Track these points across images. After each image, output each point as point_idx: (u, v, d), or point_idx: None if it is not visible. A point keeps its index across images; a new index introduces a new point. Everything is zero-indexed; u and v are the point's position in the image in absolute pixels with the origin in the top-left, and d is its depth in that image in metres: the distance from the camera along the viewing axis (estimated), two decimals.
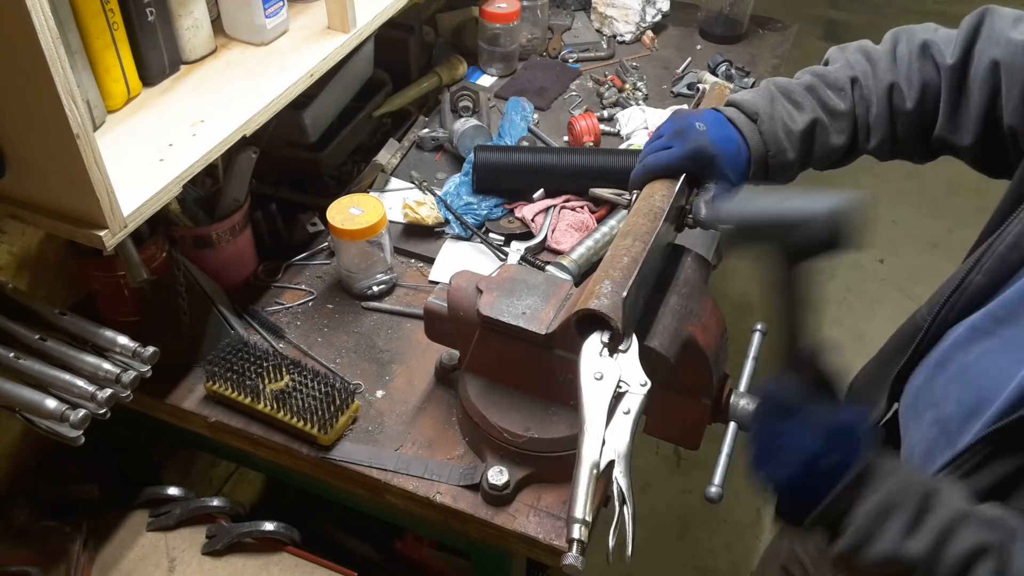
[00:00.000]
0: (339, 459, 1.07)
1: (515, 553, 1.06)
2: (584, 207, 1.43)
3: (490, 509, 1.02)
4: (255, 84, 1.09)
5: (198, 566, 1.15)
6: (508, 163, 1.43)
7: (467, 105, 1.66)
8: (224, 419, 1.11)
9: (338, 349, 1.22)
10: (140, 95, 1.06)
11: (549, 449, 1.01)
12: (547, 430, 1.00)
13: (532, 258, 1.34)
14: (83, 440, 0.92)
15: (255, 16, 1.13)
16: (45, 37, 0.74)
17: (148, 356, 0.98)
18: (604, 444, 0.78)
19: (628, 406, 0.81)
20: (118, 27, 0.98)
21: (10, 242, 1.14)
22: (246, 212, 1.25)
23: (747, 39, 1.98)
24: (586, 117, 1.57)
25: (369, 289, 1.29)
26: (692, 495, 2.20)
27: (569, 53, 1.88)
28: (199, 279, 1.17)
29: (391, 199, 1.44)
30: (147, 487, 1.24)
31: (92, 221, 0.88)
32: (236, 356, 1.10)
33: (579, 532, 0.76)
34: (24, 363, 0.94)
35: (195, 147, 0.99)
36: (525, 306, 0.98)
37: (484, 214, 1.41)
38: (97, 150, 0.83)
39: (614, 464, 0.78)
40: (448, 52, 1.79)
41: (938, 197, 3.22)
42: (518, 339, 0.97)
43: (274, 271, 1.33)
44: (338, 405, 1.07)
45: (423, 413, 1.13)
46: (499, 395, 1.04)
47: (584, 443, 0.78)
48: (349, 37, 1.19)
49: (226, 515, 1.21)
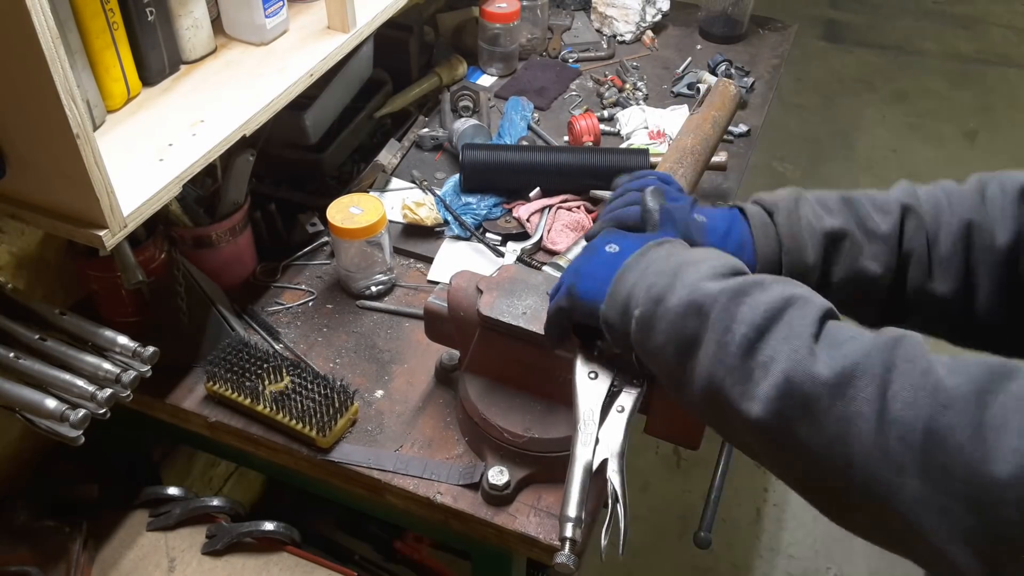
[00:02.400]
0: (339, 459, 1.07)
1: (515, 553, 1.06)
2: (580, 207, 1.42)
3: (490, 509, 1.02)
4: (255, 84, 1.09)
5: (198, 566, 1.15)
6: (496, 162, 1.42)
7: (467, 105, 1.66)
8: (224, 419, 1.11)
9: (338, 349, 1.22)
10: (140, 95, 1.05)
11: (550, 449, 1.01)
12: (548, 430, 1.00)
13: (528, 258, 1.34)
14: (83, 440, 0.92)
15: (255, 16, 1.13)
16: (45, 37, 0.74)
17: (148, 356, 0.98)
18: (598, 443, 0.78)
19: (622, 404, 0.81)
20: (118, 27, 0.98)
21: (10, 242, 1.14)
22: (246, 212, 1.25)
23: (747, 39, 1.98)
24: (586, 117, 1.57)
25: (368, 289, 1.29)
26: (692, 495, 2.20)
27: (569, 53, 1.88)
28: (199, 279, 1.17)
29: (391, 199, 1.44)
30: (147, 487, 1.24)
31: (92, 221, 0.88)
32: (236, 357, 1.10)
33: (571, 531, 0.76)
34: (24, 363, 0.94)
35: (195, 147, 0.99)
36: (525, 306, 0.98)
37: (483, 214, 1.41)
38: (97, 150, 0.83)
39: (608, 462, 0.78)
40: (448, 52, 1.79)
41: None
42: (518, 339, 0.97)
43: (274, 271, 1.33)
44: (337, 408, 1.07)
45: (423, 413, 1.13)
46: (499, 395, 1.04)
47: (577, 442, 0.78)
48: (349, 37, 1.19)
49: (226, 515, 1.22)
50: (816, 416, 0.61)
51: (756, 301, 0.66)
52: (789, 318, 0.65)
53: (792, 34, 2.03)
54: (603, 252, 0.81)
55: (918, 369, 0.58)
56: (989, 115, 3.65)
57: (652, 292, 0.72)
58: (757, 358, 0.64)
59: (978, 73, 3.91)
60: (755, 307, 0.66)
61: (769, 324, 0.65)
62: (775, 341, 0.64)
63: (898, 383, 0.58)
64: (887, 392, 0.58)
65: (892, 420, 0.57)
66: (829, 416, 0.60)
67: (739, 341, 0.65)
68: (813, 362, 0.61)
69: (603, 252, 0.81)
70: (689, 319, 0.69)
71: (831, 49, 4.05)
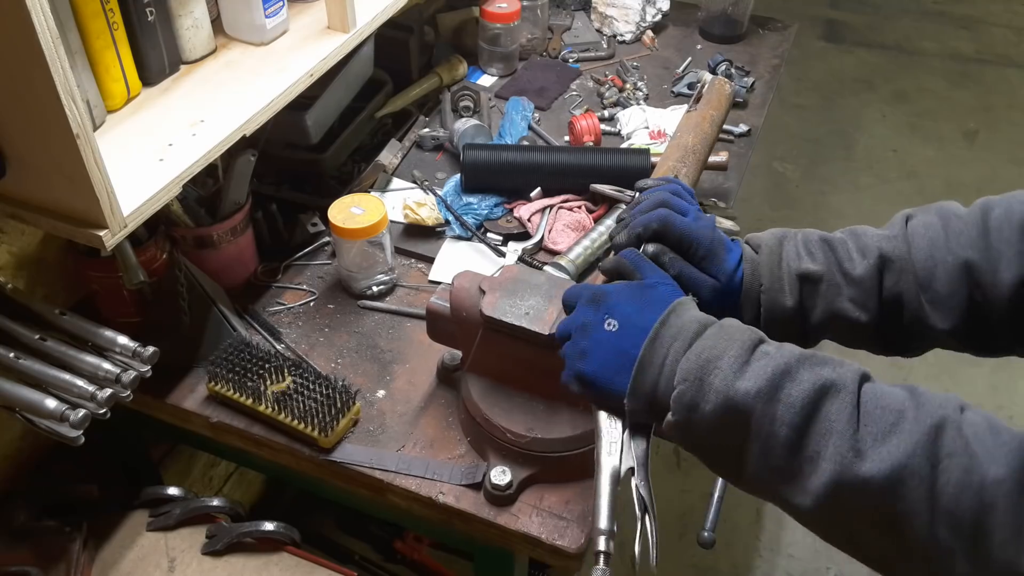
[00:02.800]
0: (341, 460, 1.06)
1: (518, 553, 1.05)
2: (582, 207, 1.42)
3: (493, 509, 1.02)
4: (255, 84, 1.09)
5: (198, 566, 1.15)
6: (497, 161, 1.42)
7: (468, 105, 1.66)
8: (226, 419, 1.11)
9: (339, 349, 1.22)
10: (140, 95, 1.05)
11: (552, 449, 1.00)
12: (550, 430, 1.00)
13: (529, 258, 1.34)
14: (83, 440, 0.92)
15: (255, 16, 1.12)
16: (45, 37, 0.74)
17: (148, 356, 0.98)
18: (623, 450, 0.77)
19: None
20: (118, 27, 0.97)
21: (10, 242, 1.14)
22: (247, 212, 1.25)
23: (747, 39, 1.98)
24: (587, 117, 1.57)
25: (370, 289, 1.29)
26: (692, 495, 2.20)
27: (569, 53, 1.88)
28: (200, 279, 1.17)
29: (392, 199, 1.44)
30: (147, 487, 1.24)
31: (92, 221, 0.87)
32: (238, 357, 1.10)
33: (605, 544, 0.75)
34: (24, 363, 0.94)
35: (195, 147, 0.99)
36: (528, 306, 0.98)
37: (484, 214, 1.41)
38: (97, 150, 0.83)
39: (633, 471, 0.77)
40: (448, 52, 1.79)
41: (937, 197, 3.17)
42: (521, 339, 0.97)
43: (275, 271, 1.33)
44: (339, 408, 1.07)
45: (425, 413, 1.13)
46: (502, 395, 1.03)
47: (602, 450, 0.77)
48: (349, 37, 1.19)
49: (226, 515, 1.21)
50: (868, 512, 0.63)
51: (791, 399, 0.66)
52: (826, 413, 0.65)
53: (792, 34, 2.03)
54: (602, 331, 0.77)
55: (961, 466, 0.60)
56: (989, 115, 3.65)
57: (683, 400, 0.70)
58: (804, 454, 0.65)
59: (978, 73, 3.91)
60: (791, 406, 0.66)
61: (808, 423, 0.65)
62: (817, 437, 0.65)
63: (944, 478, 0.60)
64: (935, 488, 0.60)
65: (942, 514, 0.60)
66: (882, 513, 0.62)
67: (782, 443, 0.66)
68: (860, 464, 0.62)
69: (602, 331, 0.77)
70: (728, 430, 0.69)
71: (831, 49, 4.05)
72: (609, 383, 0.76)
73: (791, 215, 3.11)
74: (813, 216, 3.09)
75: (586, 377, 0.77)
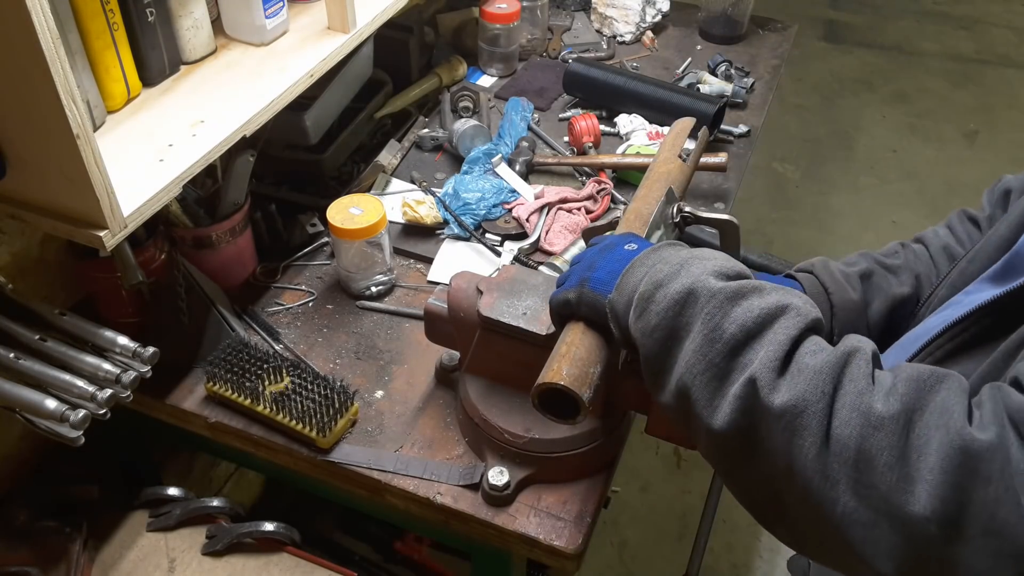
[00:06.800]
0: (339, 460, 1.07)
1: (515, 554, 1.06)
2: (580, 209, 1.42)
3: (490, 509, 1.02)
4: (255, 84, 1.09)
5: (198, 566, 1.15)
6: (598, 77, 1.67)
7: (467, 105, 1.66)
8: (224, 420, 1.11)
9: (338, 349, 1.22)
10: (140, 95, 1.05)
11: (550, 450, 1.01)
12: (548, 431, 1.00)
13: (525, 259, 1.34)
14: (83, 440, 0.92)
15: (255, 16, 1.13)
16: (45, 37, 0.74)
17: (148, 356, 0.98)
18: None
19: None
20: (118, 27, 0.98)
21: (10, 242, 1.14)
22: (246, 213, 1.25)
23: (747, 39, 1.98)
24: (586, 118, 1.57)
25: (368, 289, 1.29)
26: (692, 495, 2.20)
27: (569, 53, 1.88)
28: (199, 280, 1.17)
29: (391, 200, 1.44)
30: (147, 487, 1.24)
31: (92, 221, 0.88)
32: (236, 357, 1.10)
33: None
34: (24, 363, 0.94)
35: (195, 147, 0.99)
36: (525, 307, 0.98)
37: (482, 214, 1.41)
38: (97, 150, 0.83)
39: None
40: (448, 52, 1.79)
41: (937, 197, 3.22)
42: (518, 340, 0.97)
43: (274, 272, 1.33)
44: (337, 408, 1.07)
45: (423, 414, 1.13)
46: (500, 396, 1.04)
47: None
48: (349, 37, 1.19)
49: (226, 515, 1.21)
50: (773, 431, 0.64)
51: (752, 304, 0.68)
52: (775, 328, 0.67)
53: (792, 34, 2.03)
54: (621, 250, 0.83)
55: (858, 389, 0.62)
56: (989, 115, 3.66)
57: (655, 277, 0.74)
58: (740, 359, 0.66)
59: (978, 73, 3.91)
60: (750, 310, 0.67)
61: (757, 331, 0.67)
62: (757, 345, 0.66)
63: (839, 402, 0.62)
64: (831, 414, 0.62)
65: (832, 438, 0.61)
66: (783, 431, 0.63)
67: (727, 339, 0.67)
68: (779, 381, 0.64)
69: (621, 250, 0.83)
70: (685, 307, 0.70)
71: (831, 49, 4.06)
72: (604, 284, 0.80)
73: (791, 215, 3.11)
74: (813, 216, 3.09)
75: (587, 282, 0.81)
